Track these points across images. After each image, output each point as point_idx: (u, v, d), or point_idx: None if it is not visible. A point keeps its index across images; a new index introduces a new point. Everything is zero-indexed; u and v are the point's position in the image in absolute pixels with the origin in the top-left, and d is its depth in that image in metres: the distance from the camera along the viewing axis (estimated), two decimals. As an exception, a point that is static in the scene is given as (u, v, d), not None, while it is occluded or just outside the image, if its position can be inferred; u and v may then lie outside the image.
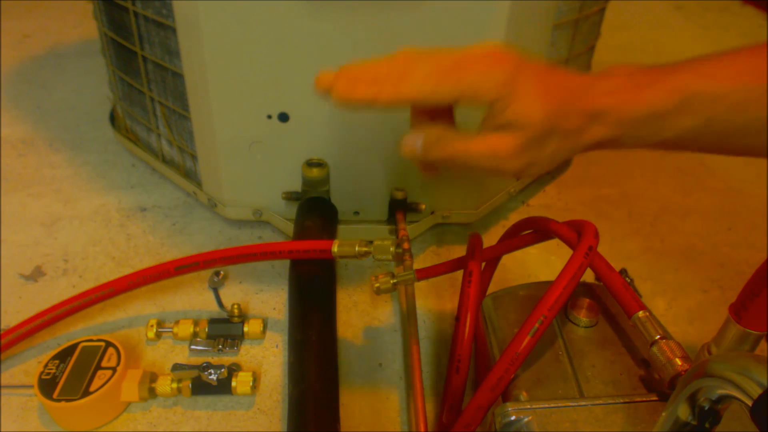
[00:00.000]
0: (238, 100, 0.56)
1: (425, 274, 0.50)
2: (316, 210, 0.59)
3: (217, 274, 0.58)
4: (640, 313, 0.37)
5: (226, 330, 0.54)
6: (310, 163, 0.59)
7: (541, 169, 0.40)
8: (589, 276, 0.42)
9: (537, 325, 0.36)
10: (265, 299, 0.59)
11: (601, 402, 0.35)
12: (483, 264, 0.48)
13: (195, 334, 0.54)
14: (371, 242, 0.50)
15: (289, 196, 0.62)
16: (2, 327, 0.54)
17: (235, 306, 0.54)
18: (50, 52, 1.13)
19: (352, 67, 0.40)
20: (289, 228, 0.61)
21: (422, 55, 0.39)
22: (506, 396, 0.38)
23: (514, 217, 0.73)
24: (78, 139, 0.85)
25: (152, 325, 0.54)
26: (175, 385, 0.48)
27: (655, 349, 0.35)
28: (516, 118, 0.37)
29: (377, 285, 0.49)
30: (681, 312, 0.60)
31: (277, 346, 0.54)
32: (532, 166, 0.39)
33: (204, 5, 0.51)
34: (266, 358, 0.53)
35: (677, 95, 0.36)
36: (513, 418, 0.34)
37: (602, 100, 0.37)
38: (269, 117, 0.57)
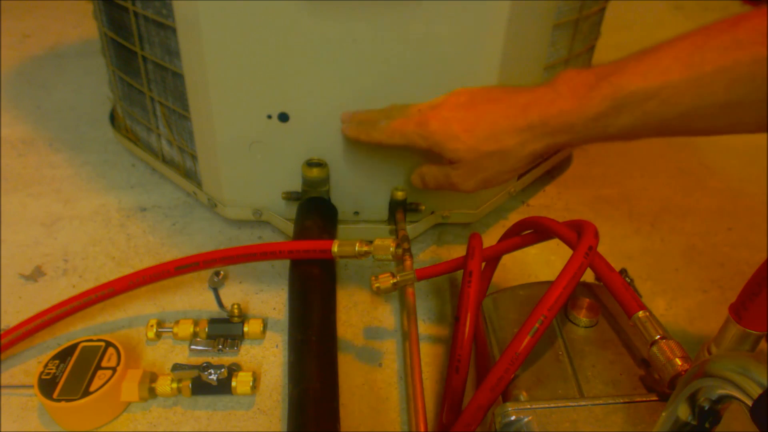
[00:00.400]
0: (238, 100, 0.56)
1: (425, 274, 0.50)
2: (316, 210, 0.59)
3: (217, 274, 0.58)
4: (640, 313, 0.37)
5: (226, 330, 0.54)
6: (310, 163, 0.59)
7: (500, 182, 0.50)
8: (589, 276, 0.42)
9: (537, 325, 0.36)
10: (265, 299, 0.59)
11: (601, 402, 0.35)
12: (483, 264, 0.48)
13: (195, 334, 0.54)
14: (371, 242, 0.50)
15: (289, 196, 0.62)
16: (2, 327, 0.54)
17: (235, 306, 0.54)
18: (50, 52, 1.13)
19: (358, 112, 0.55)
20: (289, 228, 0.61)
21: (394, 110, 0.52)
22: (506, 396, 0.38)
23: (514, 217, 0.73)
24: (78, 139, 0.85)
25: (152, 325, 0.54)
26: (175, 385, 0.48)
27: (655, 349, 0.35)
28: (449, 156, 0.48)
29: (377, 285, 0.49)
30: (681, 312, 0.60)
31: (277, 346, 0.54)
32: (488, 182, 0.49)
33: (204, 5, 0.51)
34: (266, 358, 0.53)
35: (610, 99, 0.40)
36: (513, 418, 0.34)
37: (543, 111, 0.43)
38: (269, 117, 0.57)
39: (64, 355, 0.48)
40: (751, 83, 0.35)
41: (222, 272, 0.59)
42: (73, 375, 0.46)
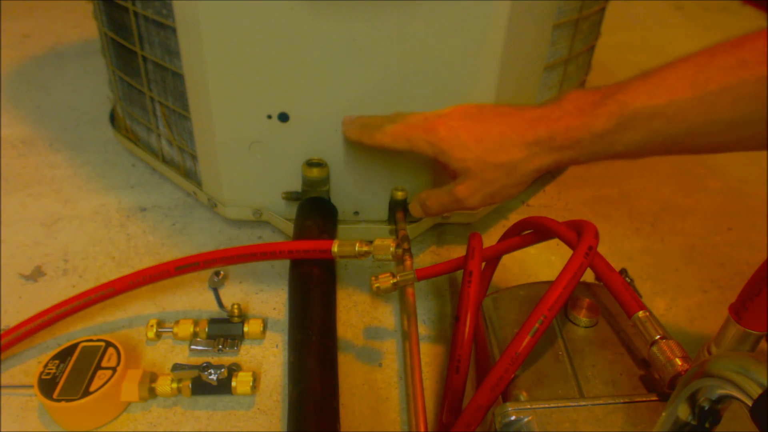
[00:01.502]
0: (238, 100, 0.56)
1: (425, 274, 0.50)
2: (316, 210, 0.59)
3: (217, 274, 0.58)
4: (640, 313, 0.37)
5: (226, 330, 0.54)
6: (310, 163, 0.59)
7: (505, 197, 0.49)
8: (589, 276, 0.42)
9: (537, 325, 0.36)
10: (265, 299, 0.59)
11: (601, 402, 0.35)
12: (483, 264, 0.48)
13: (195, 334, 0.54)
14: (371, 242, 0.50)
15: (289, 196, 0.62)
16: (2, 327, 0.54)
17: (235, 306, 0.54)
18: (50, 52, 1.13)
19: (361, 116, 0.55)
20: (289, 228, 0.61)
21: (399, 116, 0.52)
22: (506, 396, 0.38)
23: (514, 217, 0.73)
24: (78, 139, 0.85)
25: (152, 325, 0.54)
26: (175, 385, 0.48)
27: (655, 349, 0.36)
28: (456, 166, 0.48)
29: (377, 285, 0.49)
30: (681, 312, 0.60)
31: (277, 346, 0.54)
32: (493, 196, 0.48)
33: (204, 5, 0.51)
34: (266, 358, 0.53)
35: (617, 116, 0.40)
36: (513, 418, 0.34)
37: (550, 127, 0.44)
38: (269, 117, 0.57)
39: (64, 355, 0.48)
40: (756, 101, 0.35)
41: (222, 272, 0.59)
42: (73, 375, 0.46)
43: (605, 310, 0.43)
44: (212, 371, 0.47)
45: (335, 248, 0.50)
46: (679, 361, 0.34)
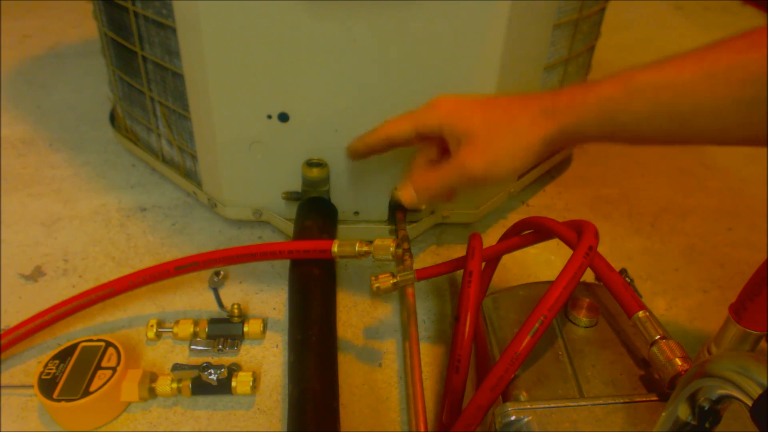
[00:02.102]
0: (238, 100, 0.56)
1: (425, 274, 0.50)
2: (316, 210, 0.59)
3: (217, 274, 0.58)
4: (640, 313, 0.37)
5: (226, 330, 0.54)
6: (310, 163, 0.59)
7: (509, 169, 0.46)
8: (589, 276, 0.42)
9: (537, 325, 0.36)
10: (265, 299, 0.59)
11: (601, 402, 0.35)
12: (483, 264, 0.48)
13: (195, 334, 0.54)
14: (371, 242, 0.50)
15: (289, 196, 0.62)
16: (2, 327, 0.54)
17: (235, 306, 0.54)
18: (50, 52, 1.13)
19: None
20: (289, 228, 0.61)
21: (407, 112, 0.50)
22: (506, 396, 0.38)
23: (514, 217, 0.73)
24: (78, 139, 0.85)
25: (152, 325, 0.54)
26: (175, 385, 0.48)
27: (655, 349, 0.36)
28: (462, 127, 0.46)
29: (377, 285, 0.49)
30: (681, 312, 0.60)
31: (277, 346, 0.54)
32: (498, 164, 0.46)
33: (204, 5, 0.51)
34: (266, 358, 0.53)
35: (623, 85, 0.40)
36: (513, 418, 0.34)
37: (555, 98, 0.43)
38: (269, 117, 0.57)
39: (64, 355, 0.48)
40: (765, 82, 0.35)
41: (222, 272, 0.59)
42: (73, 375, 0.46)
43: (605, 310, 0.43)
44: (212, 371, 0.47)
45: (335, 248, 0.50)
46: (679, 361, 0.34)
